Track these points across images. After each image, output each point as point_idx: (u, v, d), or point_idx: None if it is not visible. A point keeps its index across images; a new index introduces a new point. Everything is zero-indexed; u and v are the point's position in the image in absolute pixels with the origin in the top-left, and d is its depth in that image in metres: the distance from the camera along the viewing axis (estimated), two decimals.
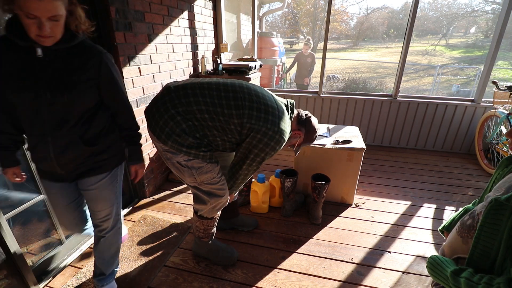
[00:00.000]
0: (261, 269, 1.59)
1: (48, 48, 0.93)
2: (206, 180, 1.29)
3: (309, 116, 1.45)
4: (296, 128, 1.42)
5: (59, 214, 1.30)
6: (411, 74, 11.98)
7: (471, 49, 16.60)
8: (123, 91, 1.16)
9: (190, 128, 1.17)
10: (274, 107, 1.25)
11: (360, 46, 20.86)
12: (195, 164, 1.23)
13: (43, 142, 1.03)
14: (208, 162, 1.24)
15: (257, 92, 1.26)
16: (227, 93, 1.20)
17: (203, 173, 1.26)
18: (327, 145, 2.06)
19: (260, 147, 1.23)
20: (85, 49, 1.02)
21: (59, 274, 1.53)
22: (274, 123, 1.22)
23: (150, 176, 2.28)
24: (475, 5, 19.20)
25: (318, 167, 2.10)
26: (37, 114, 0.98)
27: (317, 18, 19.56)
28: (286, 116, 1.30)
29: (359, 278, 1.53)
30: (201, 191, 1.35)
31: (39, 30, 0.86)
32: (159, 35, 2.17)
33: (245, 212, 2.09)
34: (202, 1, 2.86)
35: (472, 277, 0.60)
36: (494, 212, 0.60)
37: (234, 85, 1.24)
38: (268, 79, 5.94)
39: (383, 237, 1.85)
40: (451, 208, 2.20)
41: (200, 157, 1.21)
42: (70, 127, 1.04)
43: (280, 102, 1.34)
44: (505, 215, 0.57)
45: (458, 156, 3.19)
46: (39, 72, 0.94)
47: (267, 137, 1.21)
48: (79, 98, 1.01)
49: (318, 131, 1.49)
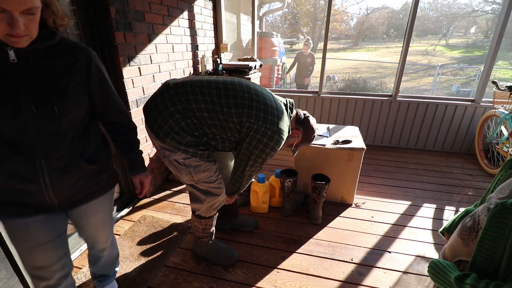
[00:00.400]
0: (261, 269, 1.59)
1: (23, 50, 0.75)
2: (203, 179, 1.29)
3: (307, 115, 1.46)
4: (295, 127, 1.42)
5: (35, 257, 0.93)
6: (411, 74, 11.99)
7: (471, 49, 16.61)
8: (115, 92, 1.04)
9: (189, 126, 1.16)
10: (273, 106, 1.25)
11: (360, 46, 20.87)
12: (193, 163, 1.22)
13: (31, 168, 0.82)
14: (205, 161, 1.24)
15: (256, 91, 1.26)
16: (227, 91, 1.20)
17: (201, 171, 1.25)
18: (327, 145, 2.06)
19: (260, 147, 1.23)
20: (68, 48, 0.84)
21: None
22: (273, 122, 1.22)
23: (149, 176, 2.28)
24: (475, 5, 19.23)
25: (318, 167, 2.10)
26: (22, 134, 0.78)
27: (317, 18, 19.57)
28: (285, 115, 1.30)
29: (359, 278, 1.53)
30: (198, 189, 1.35)
31: (10, 28, 0.68)
32: (159, 35, 2.17)
33: (245, 212, 2.09)
34: (202, 1, 2.86)
35: (478, 283, 0.58)
36: (499, 216, 0.59)
37: (234, 84, 1.23)
38: (268, 79, 5.94)
39: (383, 237, 1.85)
40: (451, 208, 2.20)
41: (198, 156, 1.21)
42: (68, 145, 0.87)
43: (279, 102, 1.34)
44: (511, 219, 0.56)
45: (458, 156, 3.19)
46: (16, 81, 0.75)
47: (267, 137, 1.21)
48: (72, 107, 0.84)
49: (316, 131, 1.49)
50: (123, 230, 1.88)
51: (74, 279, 1.12)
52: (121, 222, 1.97)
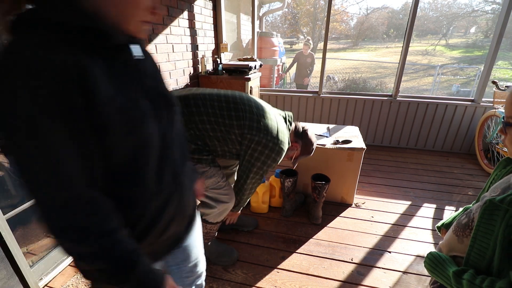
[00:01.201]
0: (261, 269, 1.59)
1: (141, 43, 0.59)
2: (212, 185, 1.31)
3: (305, 129, 1.49)
4: (294, 140, 1.45)
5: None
6: (411, 74, 11.99)
7: (471, 49, 16.61)
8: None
9: (192, 137, 1.20)
10: (273, 119, 1.29)
11: (360, 46, 20.87)
12: (199, 169, 1.26)
13: (178, 188, 0.64)
14: (211, 166, 1.27)
15: (256, 103, 1.29)
16: (228, 104, 1.23)
17: (208, 177, 1.28)
18: (327, 145, 2.06)
19: (262, 159, 1.25)
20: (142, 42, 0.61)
21: (59, 274, 1.53)
22: (273, 134, 1.24)
23: None
24: (475, 5, 19.22)
25: (318, 167, 2.10)
26: (166, 147, 0.59)
27: (317, 18, 19.57)
28: (284, 128, 1.33)
29: (359, 278, 1.53)
30: (207, 197, 1.37)
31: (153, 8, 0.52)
32: (159, 35, 2.17)
33: (245, 212, 2.09)
34: (202, 1, 2.86)
35: (474, 279, 0.60)
36: (489, 213, 0.61)
37: (234, 97, 1.27)
38: (268, 79, 5.93)
39: (383, 237, 1.85)
40: (451, 208, 2.19)
41: (203, 161, 1.25)
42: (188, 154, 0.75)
43: (279, 114, 1.38)
44: (500, 215, 0.58)
45: (458, 156, 3.19)
46: (145, 82, 0.56)
47: (268, 149, 1.24)
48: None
49: (315, 144, 1.52)
50: None
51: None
52: None
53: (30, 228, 1.57)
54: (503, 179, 0.69)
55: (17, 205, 1.40)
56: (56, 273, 1.53)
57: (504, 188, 0.64)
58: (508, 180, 0.66)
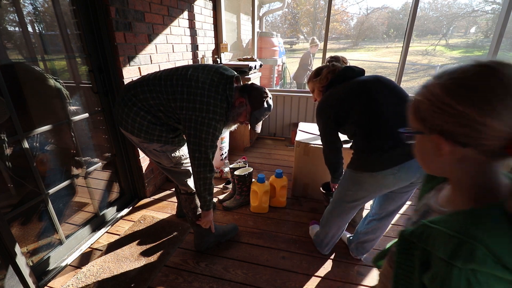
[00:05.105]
0: (261, 269, 1.59)
1: None
2: (180, 160, 1.50)
3: (252, 82, 1.50)
4: (239, 96, 1.37)
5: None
6: (411, 74, 11.98)
7: (471, 49, 16.61)
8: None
9: (154, 118, 1.33)
10: (204, 93, 1.27)
11: (360, 46, 20.86)
12: (169, 148, 1.42)
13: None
14: (177, 146, 1.44)
15: (192, 78, 1.29)
16: (166, 87, 1.32)
17: (175, 152, 1.47)
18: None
19: (205, 130, 1.27)
20: None
21: (59, 274, 1.53)
22: (202, 108, 1.26)
23: (150, 176, 2.28)
24: (475, 5, 19.20)
25: (318, 166, 2.09)
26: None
27: (317, 18, 19.58)
28: (214, 93, 1.29)
29: (359, 278, 1.53)
30: (179, 172, 1.55)
31: None
32: (159, 35, 2.17)
33: (245, 212, 2.09)
34: (202, 1, 2.86)
35: None
36: (405, 252, 0.48)
37: (171, 78, 1.31)
38: (268, 79, 5.94)
39: (383, 237, 1.85)
40: None
41: (170, 142, 1.40)
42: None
43: (218, 80, 1.31)
44: (415, 255, 0.46)
45: None
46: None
47: (201, 120, 1.27)
48: None
49: (266, 95, 1.40)
50: (123, 230, 1.88)
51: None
52: (121, 222, 1.97)
53: (30, 228, 1.57)
54: (425, 197, 0.59)
55: (17, 205, 1.40)
56: (56, 273, 1.53)
57: (423, 213, 0.55)
58: (428, 201, 0.56)
